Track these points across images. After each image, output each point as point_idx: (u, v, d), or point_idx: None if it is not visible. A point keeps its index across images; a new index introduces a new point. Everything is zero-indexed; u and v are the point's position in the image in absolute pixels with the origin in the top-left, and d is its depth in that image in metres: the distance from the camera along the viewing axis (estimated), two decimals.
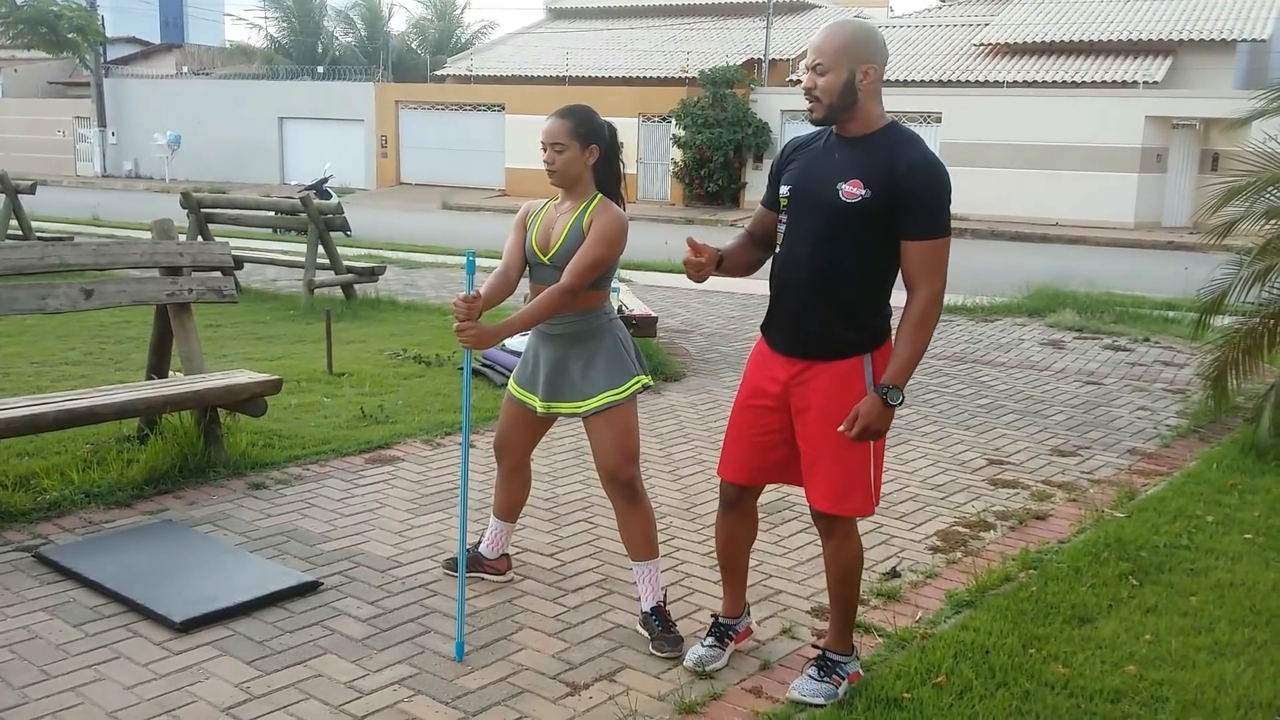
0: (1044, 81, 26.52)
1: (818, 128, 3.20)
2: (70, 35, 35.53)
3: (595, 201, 3.69)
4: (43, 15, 34.79)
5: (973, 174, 25.50)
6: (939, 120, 26.26)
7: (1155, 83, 25.25)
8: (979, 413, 7.09)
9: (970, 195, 25.23)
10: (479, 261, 4.27)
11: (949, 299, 11.60)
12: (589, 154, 3.68)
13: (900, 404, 3.03)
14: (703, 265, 3.22)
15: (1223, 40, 25.63)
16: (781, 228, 3.21)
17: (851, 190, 3.01)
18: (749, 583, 4.15)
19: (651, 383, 3.86)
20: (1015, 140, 25.18)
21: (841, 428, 3.04)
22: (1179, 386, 7.98)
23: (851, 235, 3.05)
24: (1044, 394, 7.70)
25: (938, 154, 3.01)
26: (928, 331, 3.04)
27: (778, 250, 3.23)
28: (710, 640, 3.48)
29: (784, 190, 3.18)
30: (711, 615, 3.57)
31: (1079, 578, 4.20)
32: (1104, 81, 25.80)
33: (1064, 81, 26.29)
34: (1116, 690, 3.35)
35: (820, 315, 3.11)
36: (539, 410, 3.80)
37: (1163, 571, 4.31)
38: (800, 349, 3.16)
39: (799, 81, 3.21)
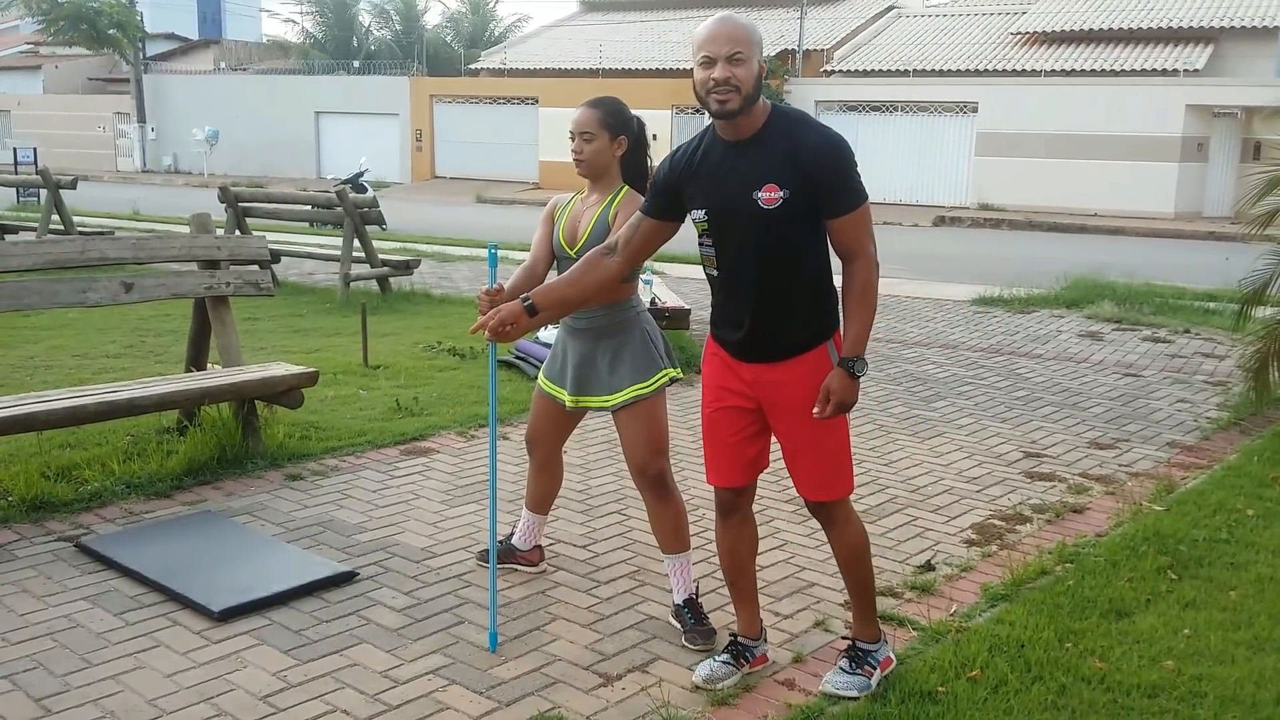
0: (1082, 70, 26.21)
1: (694, 136, 3.18)
2: (110, 31, 35.99)
3: (621, 193, 3.69)
4: (83, 12, 35.28)
5: (1009, 164, 25.30)
6: (975, 110, 26.04)
7: (1196, 71, 24.89)
8: (1015, 405, 7.03)
9: (1007, 185, 25.09)
10: (506, 254, 4.29)
11: (984, 291, 11.59)
12: (617, 145, 3.68)
13: (865, 374, 3.04)
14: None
15: (1264, 27, 25.20)
16: (710, 251, 3.15)
17: (770, 196, 2.98)
18: (782, 575, 4.17)
19: (680, 375, 3.86)
20: (1053, 130, 24.92)
21: (815, 410, 3.03)
22: (1219, 378, 7.88)
23: (785, 237, 3.02)
24: (1082, 386, 7.62)
25: (973, 146, 2.99)
26: (873, 298, 3.04)
27: (714, 273, 3.18)
28: (725, 657, 3.40)
29: (700, 215, 3.11)
30: (729, 633, 3.52)
31: (1116, 571, 4.15)
32: (1143, 70, 25.45)
33: (1102, 70, 25.96)
34: (1154, 685, 3.32)
35: (789, 321, 3.09)
36: (568, 404, 3.81)
37: (1202, 565, 4.26)
38: (770, 355, 3.14)
39: (834, 72, 3.18)
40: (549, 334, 7.14)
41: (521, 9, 75.48)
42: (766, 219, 3.00)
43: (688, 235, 3.27)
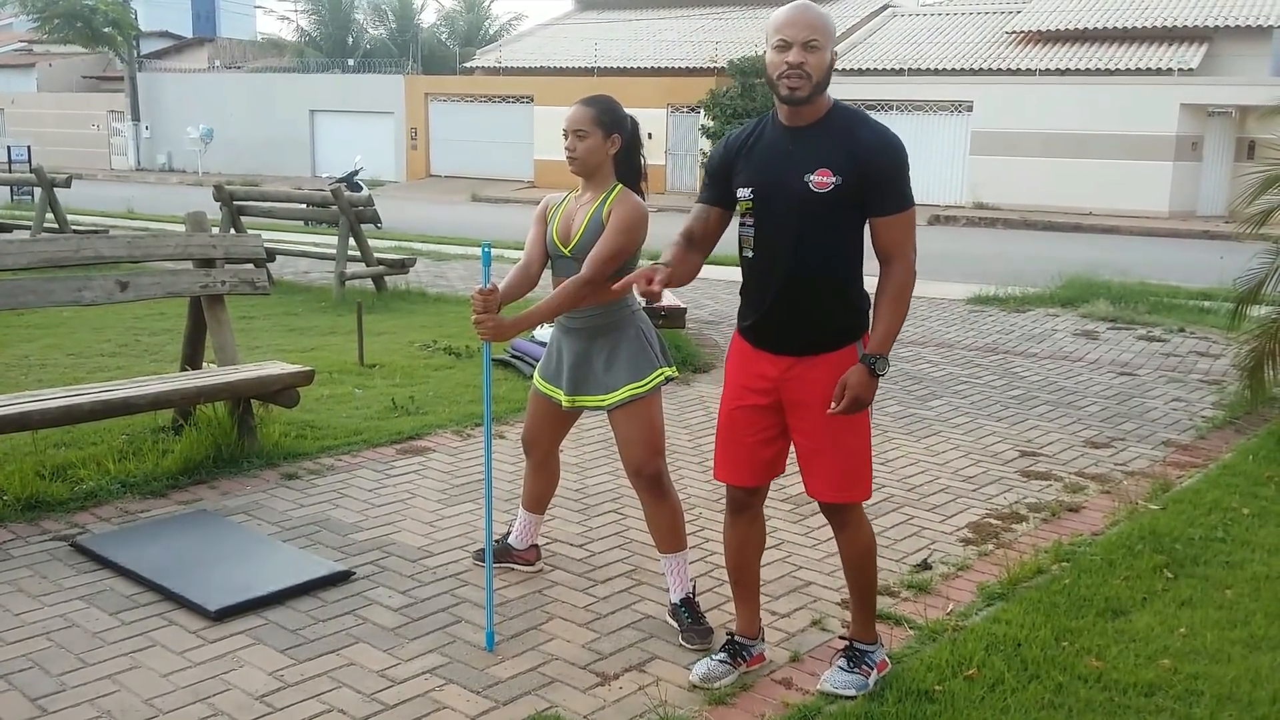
0: (1076, 69, 26.24)
1: (750, 122, 3.21)
2: (105, 29, 35.92)
3: (615, 191, 3.68)
4: (78, 9, 35.19)
5: (1004, 163, 25.33)
6: (970, 109, 26.06)
7: (1190, 70, 24.93)
8: (1011, 404, 7.04)
9: (1002, 184, 25.11)
10: (501, 253, 4.29)
11: (980, 290, 11.62)
12: (610, 143, 3.67)
13: (886, 373, 3.04)
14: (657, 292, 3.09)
15: (1259, 26, 25.24)
16: (749, 231, 3.15)
17: (822, 180, 3.00)
18: (779, 574, 4.17)
19: (675, 374, 3.85)
20: (1047, 129, 24.95)
21: (831, 406, 3.03)
22: (1214, 377, 7.89)
23: (829, 224, 3.04)
24: (1077, 385, 7.63)
25: (968, 145, 3.00)
26: (906, 302, 3.06)
27: (749, 254, 3.17)
28: (722, 656, 3.40)
29: (745, 193, 3.12)
30: (727, 632, 3.52)
31: (1112, 570, 4.16)
32: (1138, 69, 25.49)
33: (1097, 69, 25.99)
34: (1150, 684, 3.32)
35: (813, 311, 3.09)
36: (563, 404, 3.80)
37: (1198, 564, 4.27)
38: (792, 347, 3.14)
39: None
40: (544, 333, 7.13)
41: (517, 7, 75.81)
42: (814, 202, 3.01)
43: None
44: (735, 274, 3.35)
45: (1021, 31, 28.42)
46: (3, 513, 4.55)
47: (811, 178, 3.00)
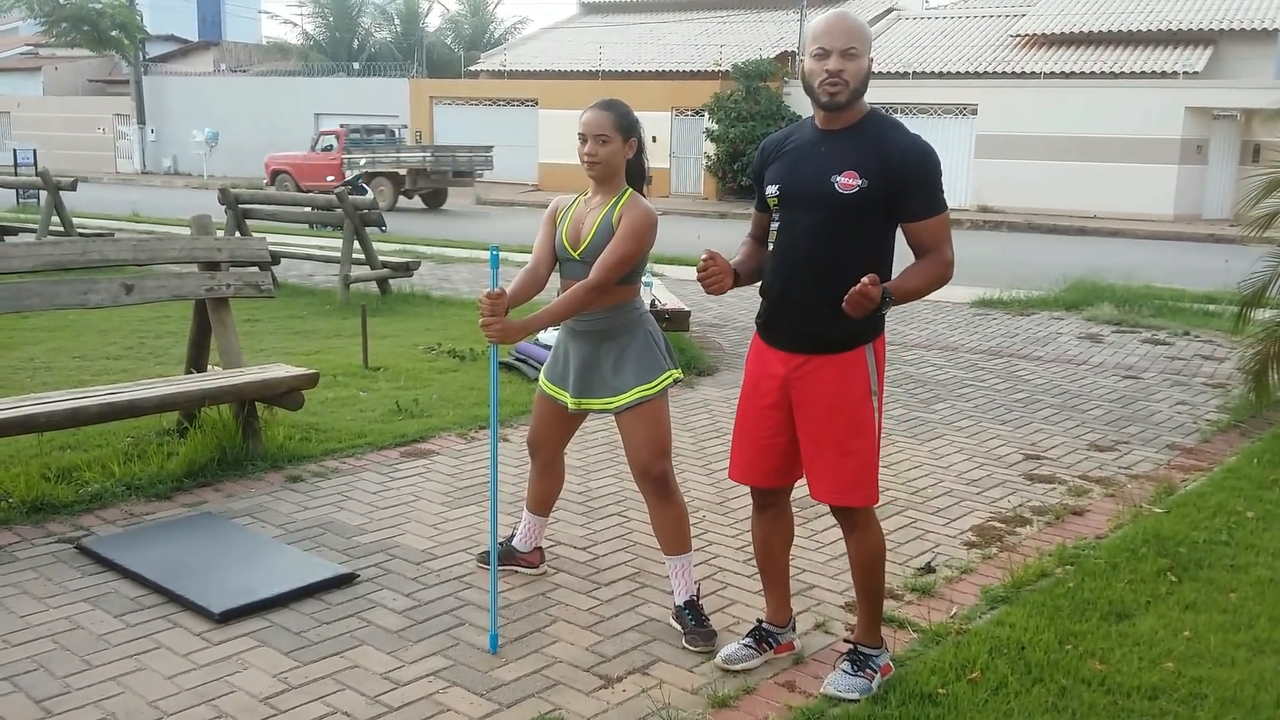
0: (1082, 72, 26.24)
1: (788, 126, 3.29)
2: (111, 33, 36.01)
3: (625, 196, 3.68)
4: (84, 13, 35.29)
5: (1009, 166, 25.31)
6: (975, 112, 26.05)
7: (1195, 73, 24.91)
8: (1015, 407, 7.04)
9: (1006, 188, 25.10)
10: (506, 257, 4.30)
11: (985, 293, 11.56)
12: (629, 147, 3.68)
13: (887, 310, 3.03)
14: (719, 274, 3.13)
15: (1264, 30, 25.23)
16: (774, 227, 3.21)
17: (847, 182, 3.03)
18: None
19: (682, 377, 3.86)
20: (1052, 132, 24.92)
21: (848, 302, 2.91)
22: (1219, 381, 7.88)
23: (851, 226, 3.07)
24: (1081, 388, 7.62)
25: (973, 148, 3.02)
26: (933, 280, 3.09)
27: (771, 248, 3.23)
28: (747, 640, 3.46)
29: (772, 190, 3.18)
30: (757, 619, 3.56)
31: (1116, 574, 4.16)
32: (1143, 72, 25.47)
33: (1102, 72, 25.99)
34: (1154, 687, 3.32)
35: (824, 310, 3.09)
36: (570, 406, 3.81)
37: (1202, 568, 4.26)
38: (802, 344, 3.16)
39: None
40: (548, 335, 7.13)
41: (521, 11, 75.69)
42: (838, 203, 3.04)
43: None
44: None
45: (1026, 35, 28.42)
46: (8, 515, 4.57)
47: (838, 179, 3.04)
